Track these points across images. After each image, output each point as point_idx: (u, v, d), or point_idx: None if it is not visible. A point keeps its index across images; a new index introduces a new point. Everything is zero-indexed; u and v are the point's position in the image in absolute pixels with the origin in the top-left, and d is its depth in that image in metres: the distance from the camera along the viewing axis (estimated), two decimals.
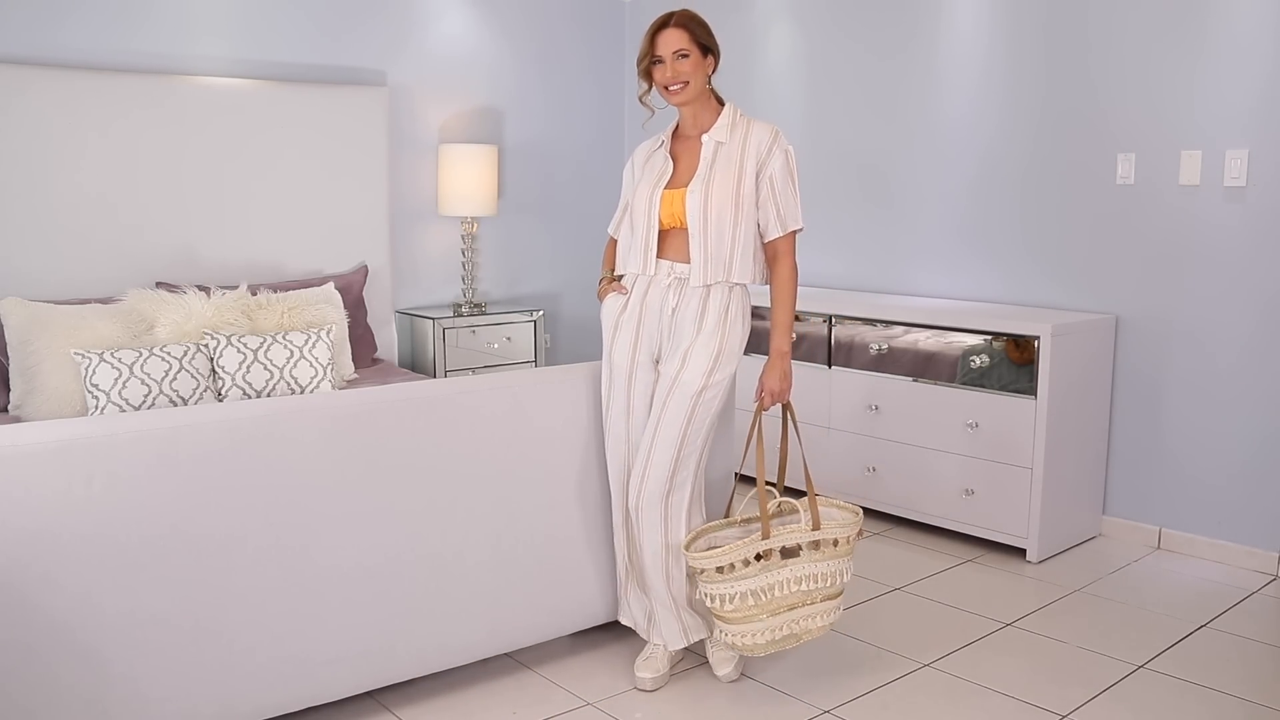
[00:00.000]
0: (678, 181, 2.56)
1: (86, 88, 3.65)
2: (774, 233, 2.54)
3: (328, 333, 3.51)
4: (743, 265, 2.53)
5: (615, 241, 2.79)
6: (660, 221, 2.56)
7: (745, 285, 2.58)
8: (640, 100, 2.67)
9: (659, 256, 2.58)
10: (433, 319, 4.46)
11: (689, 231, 2.51)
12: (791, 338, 2.58)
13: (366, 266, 4.29)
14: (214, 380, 3.28)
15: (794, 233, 2.56)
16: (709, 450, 2.64)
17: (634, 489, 2.54)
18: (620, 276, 2.68)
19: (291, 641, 2.24)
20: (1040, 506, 3.47)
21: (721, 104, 2.62)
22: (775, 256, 2.57)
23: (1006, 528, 3.56)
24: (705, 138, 2.55)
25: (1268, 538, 3.41)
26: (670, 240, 2.57)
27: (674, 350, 2.55)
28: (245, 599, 2.17)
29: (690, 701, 2.55)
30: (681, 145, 2.63)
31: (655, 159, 2.65)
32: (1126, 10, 3.57)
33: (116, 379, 3.07)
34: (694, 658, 2.77)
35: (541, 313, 4.76)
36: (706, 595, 2.44)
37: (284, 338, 3.40)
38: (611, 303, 2.64)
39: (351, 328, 4.01)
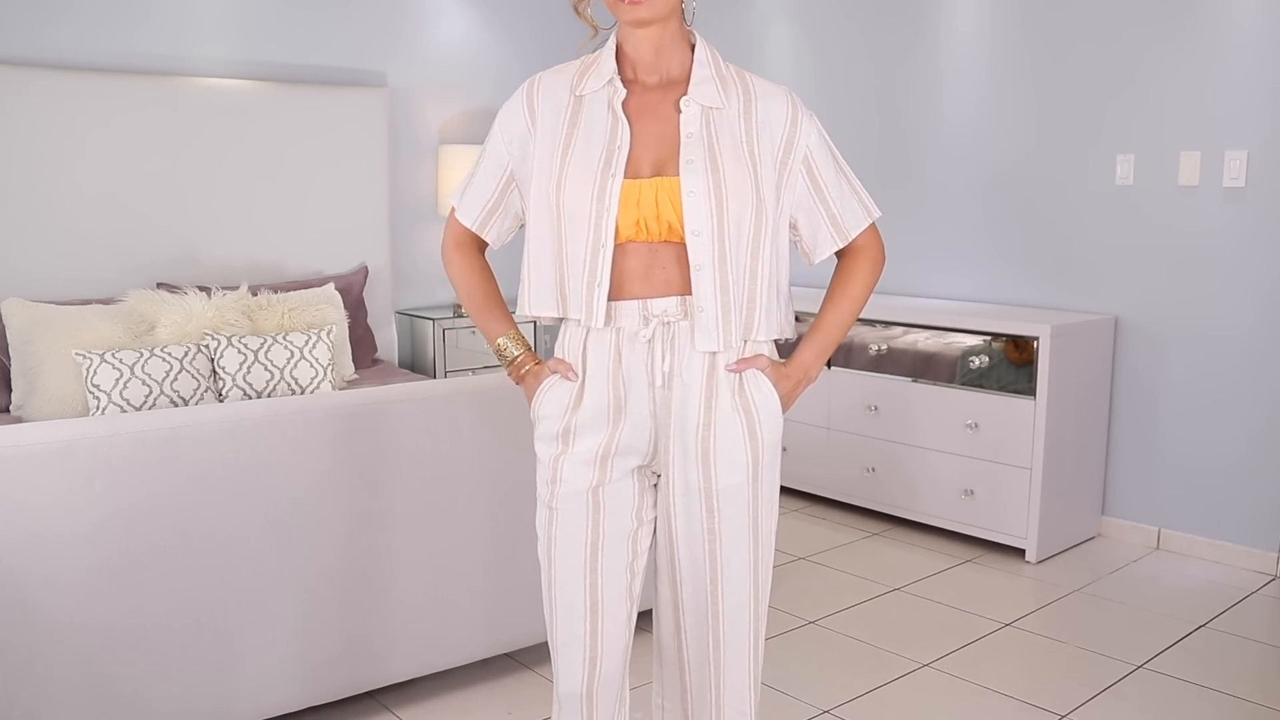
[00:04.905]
0: (641, 163, 1.55)
1: (87, 88, 3.65)
2: (829, 246, 1.68)
3: (328, 333, 3.51)
4: (775, 313, 1.62)
5: (476, 252, 1.74)
6: (617, 231, 1.53)
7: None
8: (575, 9, 1.67)
9: (613, 297, 1.56)
10: (433, 320, 4.47)
11: (694, 256, 1.53)
12: (825, 360, 1.72)
13: (367, 267, 4.29)
14: (215, 381, 3.28)
15: (876, 219, 1.73)
16: None
17: (714, 670, 1.68)
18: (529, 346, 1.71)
19: (291, 641, 2.25)
20: (1039, 507, 3.47)
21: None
22: (854, 248, 1.72)
23: (1006, 528, 3.57)
24: (685, 101, 1.56)
25: (1266, 538, 3.42)
26: (630, 261, 1.56)
27: (681, 445, 1.60)
28: (245, 599, 2.18)
29: None
30: (634, 99, 1.58)
31: (589, 112, 1.58)
32: (1126, 11, 3.58)
33: (117, 379, 3.07)
34: None
35: None
36: None
37: (284, 338, 3.40)
38: (557, 394, 1.61)
39: (352, 328, 4.01)
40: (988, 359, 3.57)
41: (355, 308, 4.09)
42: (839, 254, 1.73)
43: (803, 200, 1.64)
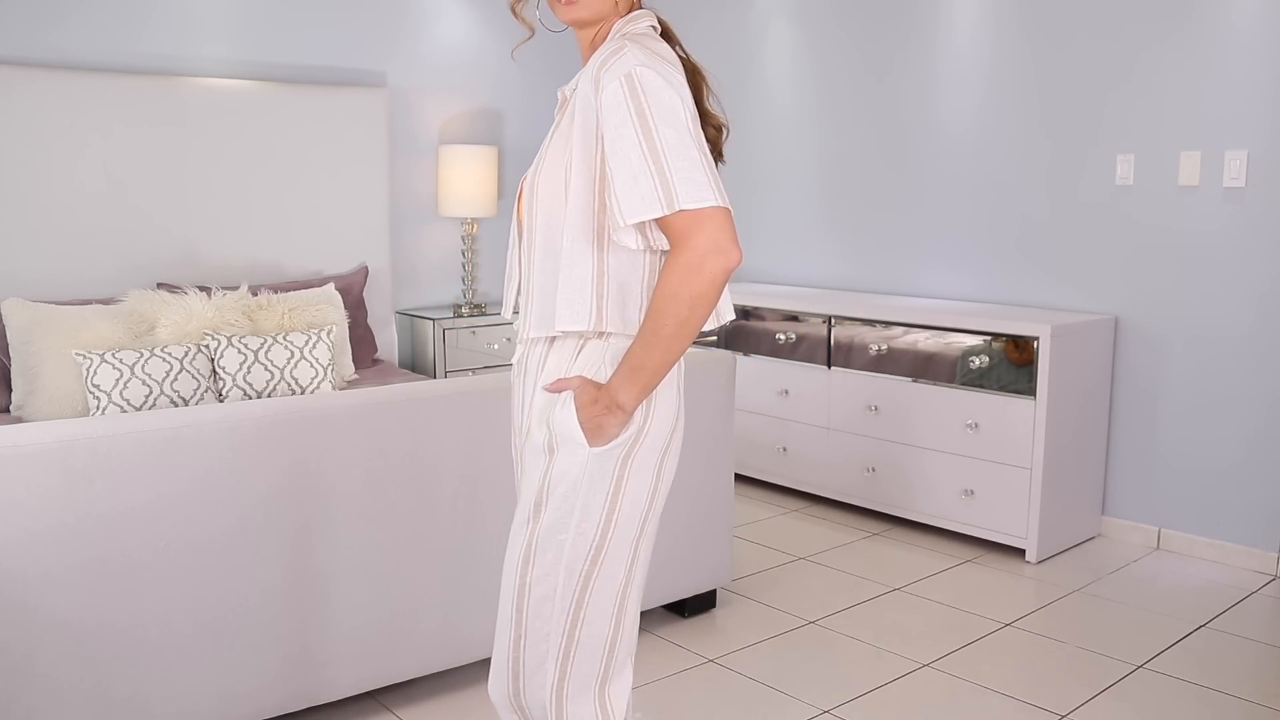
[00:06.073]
0: None
1: (88, 88, 3.65)
2: (619, 231, 1.45)
3: (328, 333, 3.52)
4: (572, 301, 1.50)
5: None
6: (520, 225, 1.63)
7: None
8: (512, 10, 1.71)
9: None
10: (433, 320, 4.47)
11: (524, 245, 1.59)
12: (642, 387, 1.47)
13: (367, 267, 4.29)
14: (215, 381, 3.28)
15: (691, 212, 1.39)
16: (620, 625, 1.58)
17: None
18: None
19: (291, 641, 2.25)
20: (1039, 507, 3.47)
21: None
22: (671, 244, 1.44)
23: (1006, 528, 3.57)
24: (567, 87, 1.59)
25: (1266, 538, 3.42)
26: None
27: (519, 438, 1.66)
28: (245, 599, 2.18)
29: (691, 700, 2.55)
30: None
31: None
32: (1126, 11, 3.58)
33: (118, 379, 3.07)
34: (695, 656, 2.78)
35: None
36: None
37: (284, 338, 3.40)
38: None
39: (352, 328, 4.01)
40: (988, 359, 3.57)
41: (355, 308, 4.10)
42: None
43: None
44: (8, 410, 3.32)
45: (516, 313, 1.72)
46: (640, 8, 1.61)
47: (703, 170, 1.41)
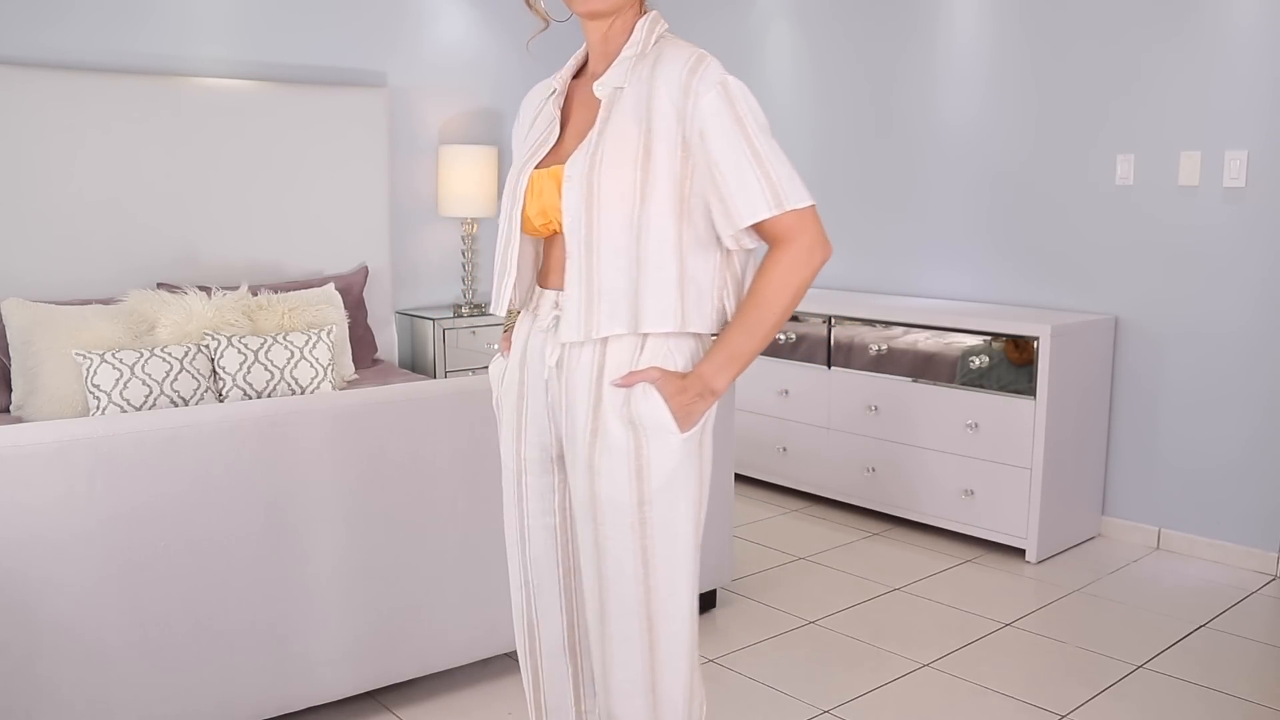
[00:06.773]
0: (561, 153, 1.57)
1: (88, 88, 3.65)
2: (723, 231, 1.51)
3: (328, 333, 3.52)
4: (660, 302, 1.49)
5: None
6: (527, 220, 1.58)
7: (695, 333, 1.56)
8: (527, 1, 1.69)
9: (540, 282, 1.64)
10: (433, 320, 4.47)
11: (568, 244, 1.51)
12: (736, 372, 1.53)
13: (367, 267, 4.30)
14: (215, 381, 3.28)
15: (797, 212, 1.48)
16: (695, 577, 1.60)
17: (604, 697, 1.60)
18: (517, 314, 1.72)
19: (291, 641, 2.25)
20: (1039, 507, 3.47)
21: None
22: (774, 241, 1.51)
23: (1006, 528, 3.57)
24: (597, 86, 1.54)
25: (1267, 538, 3.42)
26: (554, 251, 1.59)
27: (572, 443, 1.56)
28: (245, 599, 2.18)
29: None
30: (584, 91, 1.62)
31: (543, 113, 1.64)
32: (1127, 11, 3.58)
33: (118, 379, 3.07)
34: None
35: None
36: None
37: (284, 338, 3.40)
38: (494, 366, 1.72)
39: (352, 328, 4.02)
40: (988, 359, 3.58)
41: (355, 308, 4.10)
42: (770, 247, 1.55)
43: (704, 179, 1.49)
44: (8, 410, 3.32)
45: (511, 312, 1.70)
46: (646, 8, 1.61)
47: (796, 172, 1.51)
